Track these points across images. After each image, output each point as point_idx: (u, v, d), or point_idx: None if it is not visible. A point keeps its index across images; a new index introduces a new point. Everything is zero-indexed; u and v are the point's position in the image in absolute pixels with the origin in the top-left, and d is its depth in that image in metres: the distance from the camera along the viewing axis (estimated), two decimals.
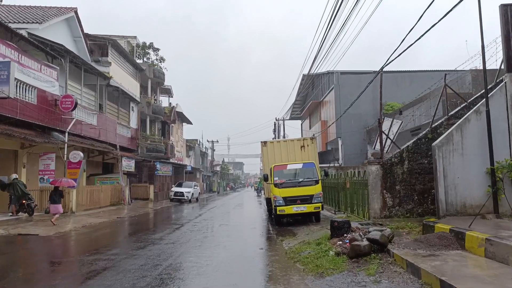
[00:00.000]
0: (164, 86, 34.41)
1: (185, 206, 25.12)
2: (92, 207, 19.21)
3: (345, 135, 30.03)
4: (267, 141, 14.82)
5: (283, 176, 13.04)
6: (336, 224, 7.44)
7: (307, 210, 12.49)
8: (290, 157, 14.29)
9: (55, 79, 17.12)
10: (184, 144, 44.90)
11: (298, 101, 42.83)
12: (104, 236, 11.58)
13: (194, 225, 13.23)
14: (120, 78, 24.74)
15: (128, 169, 25.09)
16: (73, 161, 16.64)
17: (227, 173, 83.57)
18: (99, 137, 21.42)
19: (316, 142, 14.48)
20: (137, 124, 28.68)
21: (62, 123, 17.15)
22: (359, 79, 30.37)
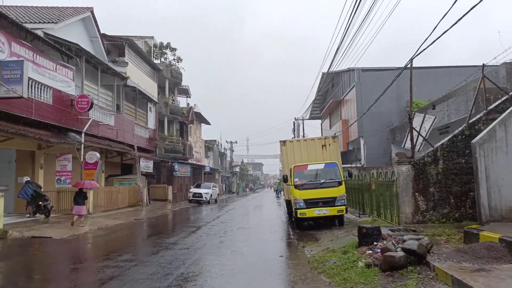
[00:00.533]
0: (182, 86, 34.18)
1: (203, 208, 24.69)
2: (110, 208, 18.99)
3: (367, 135, 28.93)
4: (286, 140, 14.12)
5: (304, 177, 12.31)
6: (364, 231, 6.68)
7: (330, 214, 11.72)
8: (311, 157, 13.54)
9: (71, 79, 16.96)
10: (202, 144, 44.67)
11: (318, 100, 41.87)
12: (118, 239, 11.17)
13: (211, 228, 12.67)
14: (137, 78, 24.56)
15: (146, 170, 24.87)
16: (90, 162, 16.41)
17: (246, 174, 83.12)
18: (117, 138, 21.24)
19: (338, 141, 13.68)
20: (155, 125, 28.50)
21: (78, 124, 16.96)
22: (381, 76, 29.18)
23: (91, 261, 7.41)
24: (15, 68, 12.07)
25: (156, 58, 30.76)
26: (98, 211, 17.45)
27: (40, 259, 7.95)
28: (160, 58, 31.05)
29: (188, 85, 35.07)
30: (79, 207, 12.81)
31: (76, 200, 12.85)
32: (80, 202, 12.83)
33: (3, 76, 12.02)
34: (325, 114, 42.25)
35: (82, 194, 13.08)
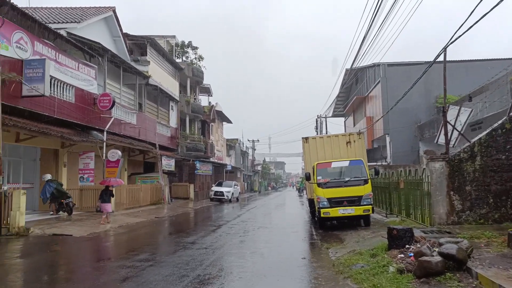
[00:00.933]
0: (203, 85, 34.14)
1: (225, 206, 24.48)
2: (133, 206, 19.04)
3: (393, 132, 27.92)
4: (309, 137, 13.60)
5: (327, 175, 11.78)
6: (395, 233, 6.14)
7: (355, 213, 11.15)
8: (335, 154, 12.98)
9: (93, 78, 17.07)
10: (224, 143, 44.60)
11: (341, 98, 40.91)
12: (137, 237, 11.03)
13: (231, 227, 12.35)
14: (159, 77, 24.60)
15: (168, 168, 24.90)
16: (112, 160, 16.45)
17: (268, 173, 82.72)
18: (139, 136, 21.31)
19: (363, 138, 13.05)
20: (177, 123, 28.53)
21: (101, 122, 17.05)
22: (408, 71, 28.09)
23: (107, 261, 7.22)
24: (37, 67, 12.15)
25: (178, 57, 30.82)
26: (121, 209, 17.50)
27: (56, 258, 7.84)
28: (182, 57, 31.10)
29: (209, 84, 35.03)
30: (105, 205, 13.02)
31: (103, 198, 13.07)
32: (106, 200, 13.04)
33: (26, 74, 12.13)
34: (348, 112, 41.26)
35: (108, 192, 13.27)
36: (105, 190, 13.26)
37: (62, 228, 11.63)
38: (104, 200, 13.01)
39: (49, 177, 14.43)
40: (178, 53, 30.76)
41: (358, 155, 12.77)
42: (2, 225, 10.32)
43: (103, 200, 13.02)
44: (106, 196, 13.11)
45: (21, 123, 11.76)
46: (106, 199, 13.06)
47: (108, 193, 13.21)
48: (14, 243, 9.35)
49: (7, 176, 14.71)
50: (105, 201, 13.01)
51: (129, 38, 23.08)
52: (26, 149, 15.66)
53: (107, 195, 13.15)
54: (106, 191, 13.23)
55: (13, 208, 10.46)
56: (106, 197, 13.08)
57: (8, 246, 9.03)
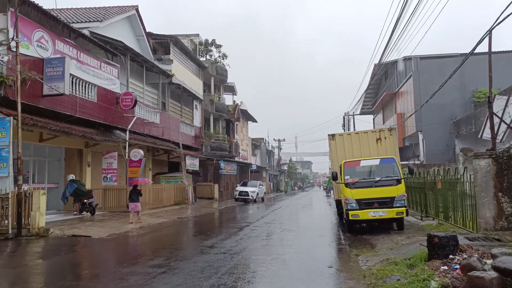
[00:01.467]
0: (228, 84, 33.81)
1: (249, 207, 23.96)
2: (157, 206, 18.84)
3: (427, 129, 26.42)
4: (336, 134, 12.79)
5: (356, 174, 10.96)
6: (436, 240, 5.32)
7: (387, 216, 10.27)
8: (364, 152, 12.12)
9: (116, 77, 16.99)
10: (249, 142, 44.18)
11: (369, 94, 39.45)
12: (155, 239, 10.66)
13: (254, 229, 11.76)
14: (183, 76, 24.41)
15: (192, 168, 24.67)
16: (134, 160, 16.29)
17: (295, 172, 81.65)
18: (163, 136, 21.17)
19: (395, 134, 12.11)
20: (201, 123, 28.31)
21: (124, 121, 16.93)
22: (441, 64, 26.52)
23: (118, 266, 6.80)
24: (57, 65, 12.06)
25: (202, 55, 30.61)
26: (145, 209, 17.26)
27: (64, 262, 7.51)
28: (205, 55, 30.87)
29: (233, 82, 34.65)
30: (134, 204, 13.05)
31: (131, 197, 13.09)
32: (135, 199, 13.05)
33: (47, 73, 12.06)
34: (377, 109, 39.74)
35: (137, 191, 13.27)
36: (134, 189, 13.29)
37: (82, 229, 11.45)
38: (133, 200, 13.05)
39: (71, 177, 14.41)
40: (201, 52, 30.56)
41: (389, 153, 11.86)
42: (23, 225, 10.23)
43: (132, 199, 13.06)
44: (135, 196, 13.13)
45: (42, 122, 11.69)
46: (135, 198, 13.09)
47: (136, 193, 13.23)
48: (31, 244, 9.19)
49: (31, 176, 14.87)
50: (134, 201, 13.06)
51: (153, 37, 23.01)
52: (50, 149, 15.75)
53: (135, 194, 13.17)
54: (134, 190, 13.25)
55: (33, 209, 10.35)
56: (134, 197, 13.10)
57: (23, 248, 8.87)
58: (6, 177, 10.17)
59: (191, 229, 12.90)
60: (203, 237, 10.49)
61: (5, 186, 10.18)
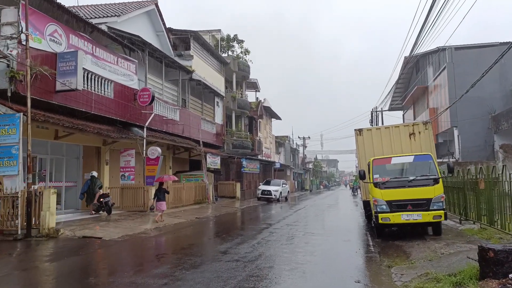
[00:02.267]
0: (250, 80, 33.07)
1: (272, 206, 23.12)
2: (176, 205, 18.36)
3: (462, 124, 24.63)
4: (363, 129, 11.70)
5: (386, 173, 9.90)
6: (491, 255, 4.29)
7: (423, 220, 9.15)
8: (395, 149, 11.00)
9: (134, 73, 16.56)
10: (273, 140, 43.30)
11: (399, 89, 37.61)
12: (167, 243, 10.05)
13: (273, 232, 10.92)
14: (203, 72, 23.86)
15: (214, 166, 24.11)
16: (151, 157, 15.83)
17: (320, 171, 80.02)
18: (183, 133, 20.68)
19: (431, 129, 10.90)
20: (222, 120, 27.71)
21: (142, 118, 16.50)
22: (479, 54, 24.68)
23: (119, 274, 6.16)
24: (70, 60, 11.65)
25: (223, 51, 29.99)
26: None
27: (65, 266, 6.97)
28: (227, 51, 30.22)
29: (256, 79, 33.88)
30: (160, 203, 12.81)
31: (157, 196, 12.84)
32: (161, 198, 12.83)
33: (59, 68, 11.68)
34: (407, 104, 37.82)
35: (162, 189, 13.05)
36: (159, 188, 13.05)
37: (94, 230, 11.00)
38: (159, 198, 12.80)
39: (92, 174, 14.16)
40: (223, 48, 29.94)
41: (424, 149, 10.69)
42: (33, 225, 9.86)
43: (158, 198, 12.81)
44: (161, 194, 12.88)
45: (54, 118, 11.31)
46: (161, 197, 12.84)
47: (162, 191, 12.99)
48: (38, 246, 8.77)
49: (49, 174, 14.66)
50: (160, 199, 12.81)
51: (173, 33, 22.57)
52: (68, 147, 15.51)
53: (161, 193, 12.92)
54: (160, 189, 13.01)
55: (43, 208, 9.95)
56: (160, 195, 12.86)
57: (28, 251, 8.44)
58: (16, 176, 9.83)
59: (207, 231, 12.23)
60: (218, 240, 9.78)
61: (15, 185, 9.86)
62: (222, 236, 10.46)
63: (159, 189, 13.00)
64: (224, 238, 10.08)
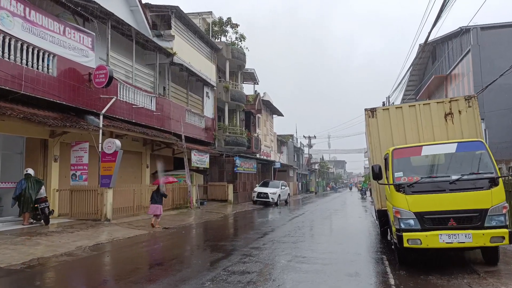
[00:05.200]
0: (246, 70, 29.81)
1: (267, 212, 19.80)
2: (145, 212, 15.14)
3: (490, 116, 21.02)
4: (377, 108, 8.32)
5: (414, 169, 6.61)
6: None
7: (474, 244, 5.82)
8: (424, 136, 7.68)
9: (89, 48, 13.42)
10: (274, 138, 39.97)
11: (412, 80, 34.03)
12: (92, 271, 6.82)
13: (246, 256, 7.59)
14: (189, 56, 20.69)
15: (201, 165, 20.88)
16: (108, 152, 12.65)
17: (327, 172, 76.37)
18: (162, 126, 17.55)
19: (477, 105, 7.52)
20: (214, 113, 24.50)
21: (101, 105, 13.40)
22: (510, 35, 21.14)
23: None
24: None
25: (216, 37, 26.78)
26: (122, 216, 13.65)
27: None
28: (220, 36, 26.98)
29: (253, 69, 30.59)
30: (155, 206, 11.81)
31: (154, 199, 11.90)
32: (158, 201, 11.86)
33: None
34: (422, 97, 34.08)
35: (160, 192, 12.02)
36: (157, 190, 12.06)
37: (3, 250, 7.84)
38: (156, 201, 11.83)
39: (28, 172, 11.02)
40: (216, 33, 26.72)
41: (467, 136, 7.34)
42: None
43: (154, 201, 11.86)
44: (158, 197, 11.89)
45: None
46: (158, 200, 11.86)
47: (159, 194, 11.96)
48: None
49: None
50: (156, 202, 11.83)
51: (151, 9, 19.43)
52: (7, 139, 12.41)
53: (158, 195, 11.92)
54: (157, 191, 12.02)
55: None
56: (157, 198, 11.87)
57: None
58: None
59: (166, 249, 8.96)
60: (172, 265, 6.56)
61: None
62: (171, 262, 7.14)
63: (157, 192, 11.99)
64: (170, 266, 6.77)
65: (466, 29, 22.09)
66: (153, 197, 12.00)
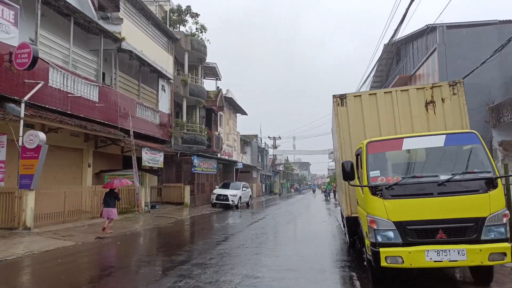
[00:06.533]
0: (208, 64, 28.04)
1: (225, 216, 18.19)
2: (78, 218, 13.03)
3: None
4: (347, 95, 6.96)
5: (393, 168, 5.30)
6: None
7: (469, 262, 4.57)
8: (402, 128, 6.45)
9: (11, 23, 11.19)
10: (237, 138, 38.42)
11: (377, 82, 33.82)
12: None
13: (180, 281, 5.88)
14: (142, 44, 18.68)
15: (153, 164, 18.91)
16: (29, 147, 10.52)
17: (291, 173, 75.84)
18: (107, 120, 15.50)
19: (463, 93, 6.37)
20: (170, 109, 22.56)
21: (26, 91, 11.23)
22: (476, 34, 20.93)
23: None
24: None
25: (174, 27, 24.84)
26: (49, 223, 11.53)
27: None
28: (179, 26, 25.06)
29: (215, 63, 28.88)
30: (109, 210, 11.14)
31: (106, 202, 11.28)
32: (111, 204, 11.25)
33: None
34: None
35: (113, 194, 11.46)
36: (109, 192, 11.41)
37: None
38: (109, 205, 11.20)
39: None
40: (173, 22, 24.78)
41: (452, 128, 6.16)
42: None
43: (107, 204, 11.20)
44: (111, 200, 11.29)
45: None
46: (111, 203, 11.25)
47: (112, 196, 11.35)
48: None
49: None
50: (109, 205, 11.20)
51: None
52: None
53: (111, 198, 11.31)
54: (110, 194, 11.38)
55: None
56: (110, 201, 11.26)
57: None
58: None
59: (69, 272, 7.06)
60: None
61: None
62: (90, 280, 5.37)
63: (110, 194, 11.35)
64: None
65: (432, 27, 21.69)
66: (106, 200, 11.35)
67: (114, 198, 11.43)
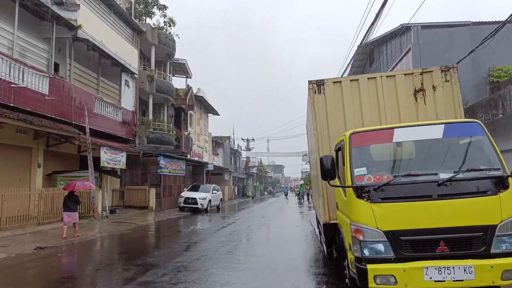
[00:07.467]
0: (177, 60, 26.62)
1: (192, 220, 16.90)
2: (23, 225, 11.46)
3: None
4: (325, 81, 5.98)
5: (383, 164, 4.34)
6: None
7: (477, 283, 3.63)
8: (387, 118, 5.52)
9: None
10: (209, 139, 37.08)
11: None
12: None
13: None
14: (102, 34, 17.15)
15: (114, 165, 17.39)
16: None
17: (265, 176, 75.01)
18: (60, 116, 13.92)
19: (457, 80, 5.55)
20: (135, 106, 21.05)
21: None
22: (450, 35, 20.77)
23: None
24: None
25: (140, 18, 23.34)
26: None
27: None
28: (145, 18, 23.57)
29: (185, 59, 27.48)
30: (71, 214, 10.69)
31: (67, 206, 10.77)
32: (72, 208, 10.79)
33: None
34: None
35: (73, 197, 11.01)
36: (69, 196, 10.95)
37: None
38: (69, 208, 10.72)
39: None
40: (139, 14, 23.27)
41: (443, 118, 5.30)
42: None
43: (68, 208, 10.70)
44: (71, 204, 10.83)
45: None
46: (72, 207, 10.79)
47: (73, 200, 10.90)
48: None
49: None
50: (70, 210, 10.72)
51: None
52: None
53: (71, 201, 10.85)
54: (70, 197, 10.92)
55: None
56: (71, 205, 10.80)
57: None
58: None
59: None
60: None
61: None
62: None
63: (69, 197, 10.86)
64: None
65: (406, 27, 21.38)
66: (66, 204, 10.83)
67: (74, 201, 10.98)
